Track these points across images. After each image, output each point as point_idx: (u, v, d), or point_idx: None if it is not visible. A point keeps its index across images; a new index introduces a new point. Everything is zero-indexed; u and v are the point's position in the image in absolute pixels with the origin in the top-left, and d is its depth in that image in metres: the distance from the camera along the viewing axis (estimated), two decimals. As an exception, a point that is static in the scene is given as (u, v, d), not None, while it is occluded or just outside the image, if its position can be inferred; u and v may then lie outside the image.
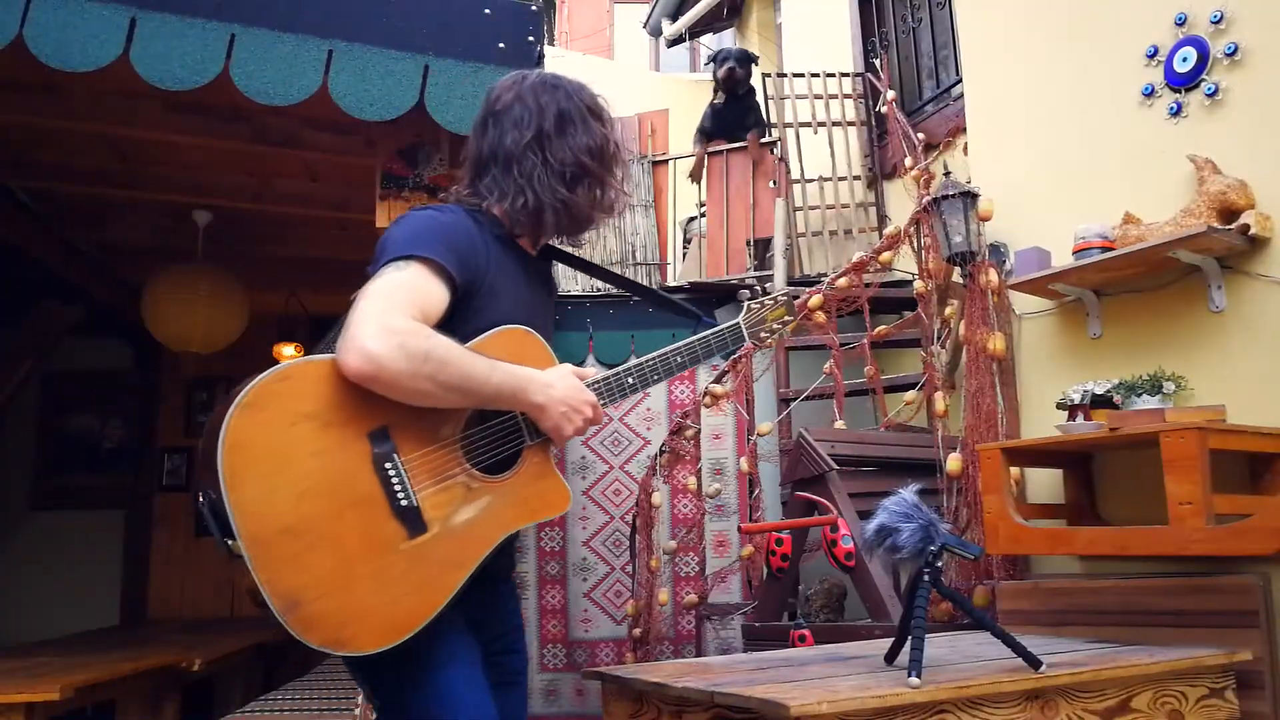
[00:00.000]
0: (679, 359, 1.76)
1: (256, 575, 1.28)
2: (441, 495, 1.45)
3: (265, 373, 1.36)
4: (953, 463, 2.93)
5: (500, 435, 1.53)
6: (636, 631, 3.50)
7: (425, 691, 1.47)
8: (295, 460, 1.34)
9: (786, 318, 2.00)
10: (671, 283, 4.92)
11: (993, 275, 3.03)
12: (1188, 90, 2.65)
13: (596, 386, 1.63)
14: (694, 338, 1.81)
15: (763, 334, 1.98)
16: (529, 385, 1.50)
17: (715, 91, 5.46)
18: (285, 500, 1.32)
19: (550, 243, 1.76)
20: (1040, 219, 3.07)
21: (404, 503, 1.40)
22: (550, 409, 1.52)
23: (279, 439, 1.33)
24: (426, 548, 1.41)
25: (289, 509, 1.32)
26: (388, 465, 1.40)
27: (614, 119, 1.73)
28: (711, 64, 5.50)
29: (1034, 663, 1.75)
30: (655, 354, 1.75)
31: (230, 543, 1.29)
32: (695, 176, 5.19)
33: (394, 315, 1.37)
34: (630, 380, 1.69)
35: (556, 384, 1.53)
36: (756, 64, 5.49)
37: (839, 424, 3.45)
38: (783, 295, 2.02)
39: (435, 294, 1.45)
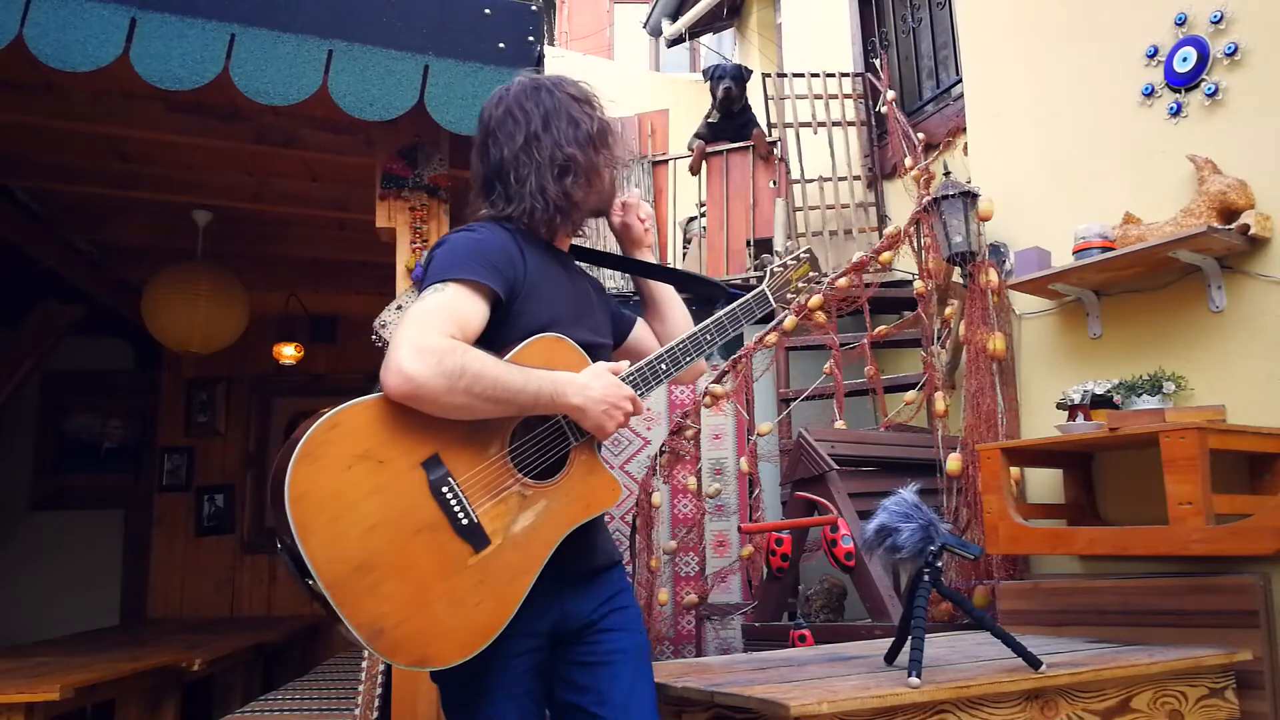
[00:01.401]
0: (709, 336, 1.79)
1: (340, 612, 1.36)
2: (499, 508, 1.51)
3: (316, 422, 1.42)
4: (953, 463, 2.93)
5: (546, 442, 1.59)
6: (636, 631, 3.49)
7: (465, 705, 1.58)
8: (356, 501, 1.41)
9: (811, 273, 1.99)
10: (671, 283, 4.91)
11: (993, 275, 3.03)
12: (1188, 90, 2.65)
13: (631, 378, 1.67)
14: (720, 312, 1.83)
15: (789, 294, 1.99)
16: (566, 389, 1.54)
17: (710, 109, 5.44)
18: (354, 539, 1.39)
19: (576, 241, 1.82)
20: (1040, 219, 3.07)
21: (465, 521, 1.47)
22: (590, 409, 1.56)
23: (338, 484, 1.40)
24: (492, 560, 1.49)
25: (359, 547, 1.39)
26: (444, 489, 1.46)
27: (597, 97, 1.76)
28: (708, 80, 5.49)
29: (1034, 663, 1.75)
30: (684, 335, 1.77)
31: (310, 583, 1.37)
32: (694, 169, 5.19)
33: (429, 335, 1.44)
34: (664, 366, 1.73)
35: (593, 384, 1.57)
36: (750, 78, 5.48)
37: (839, 424, 3.45)
38: (804, 253, 2.01)
39: (473, 310, 1.52)
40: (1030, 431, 2.97)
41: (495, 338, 1.55)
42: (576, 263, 1.83)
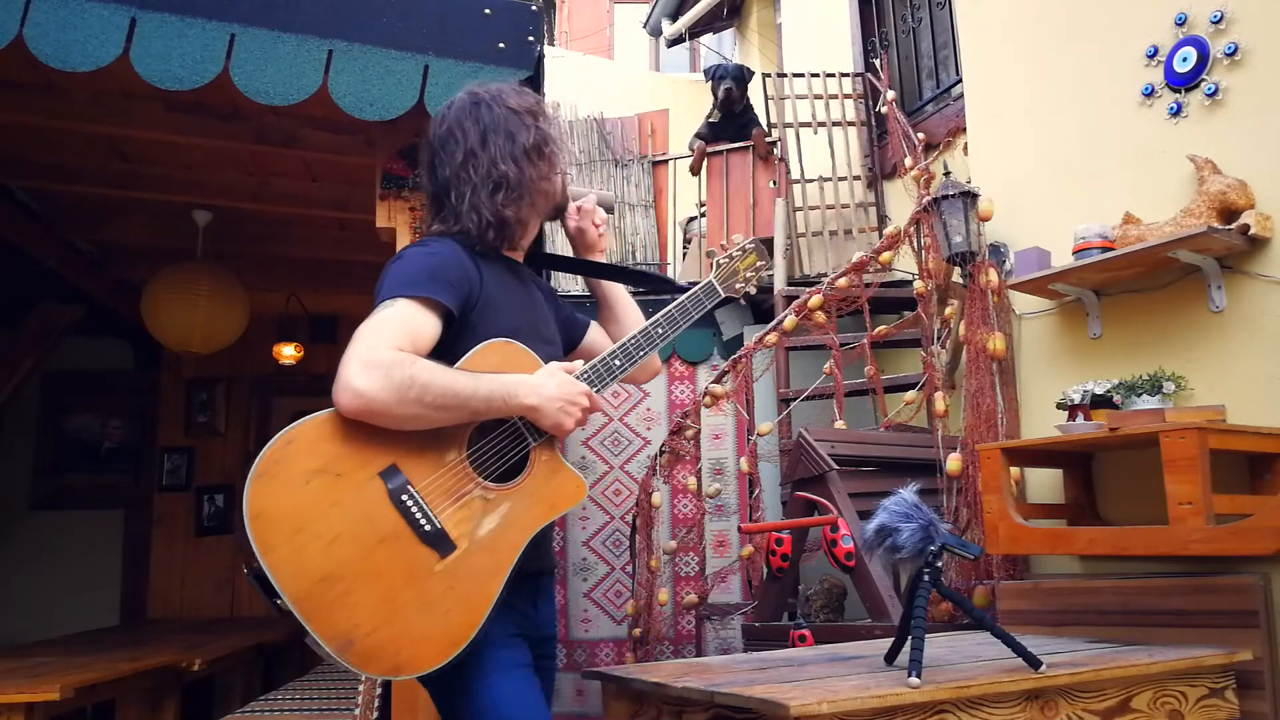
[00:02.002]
0: (659, 330, 1.80)
1: (307, 625, 1.36)
2: (462, 512, 1.51)
3: (271, 441, 1.43)
4: (953, 463, 2.93)
5: (504, 444, 1.59)
6: (636, 631, 3.50)
7: (476, 703, 1.54)
8: (316, 515, 1.41)
9: (759, 263, 2.01)
10: (672, 283, 4.92)
11: (993, 275, 3.03)
12: (1188, 90, 2.65)
13: (585, 375, 1.67)
14: (670, 306, 1.84)
15: (738, 285, 2.00)
16: (517, 389, 1.54)
17: (711, 109, 5.44)
18: (316, 553, 1.40)
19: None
20: (1040, 219, 3.07)
21: (427, 528, 1.47)
22: (545, 407, 1.56)
23: (295, 499, 1.41)
24: (460, 564, 1.48)
25: (322, 559, 1.40)
26: (404, 497, 1.47)
27: (540, 106, 1.77)
28: (709, 80, 5.49)
29: (1034, 663, 1.75)
30: (636, 330, 1.78)
31: (279, 602, 1.38)
32: (695, 169, 5.20)
33: (376, 350, 1.45)
34: (618, 362, 1.73)
35: (546, 383, 1.58)
36: (751, 79, 5.49)
37: (839, 424, 3.45)
38: (749, 243, 2.02)
39: (423, 324, 1.53)
40: (1030, 431, 2.97)
41: (453, 351, 1.56)
42: (527, 267, 1.84)
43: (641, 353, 1.76)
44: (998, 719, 1.70)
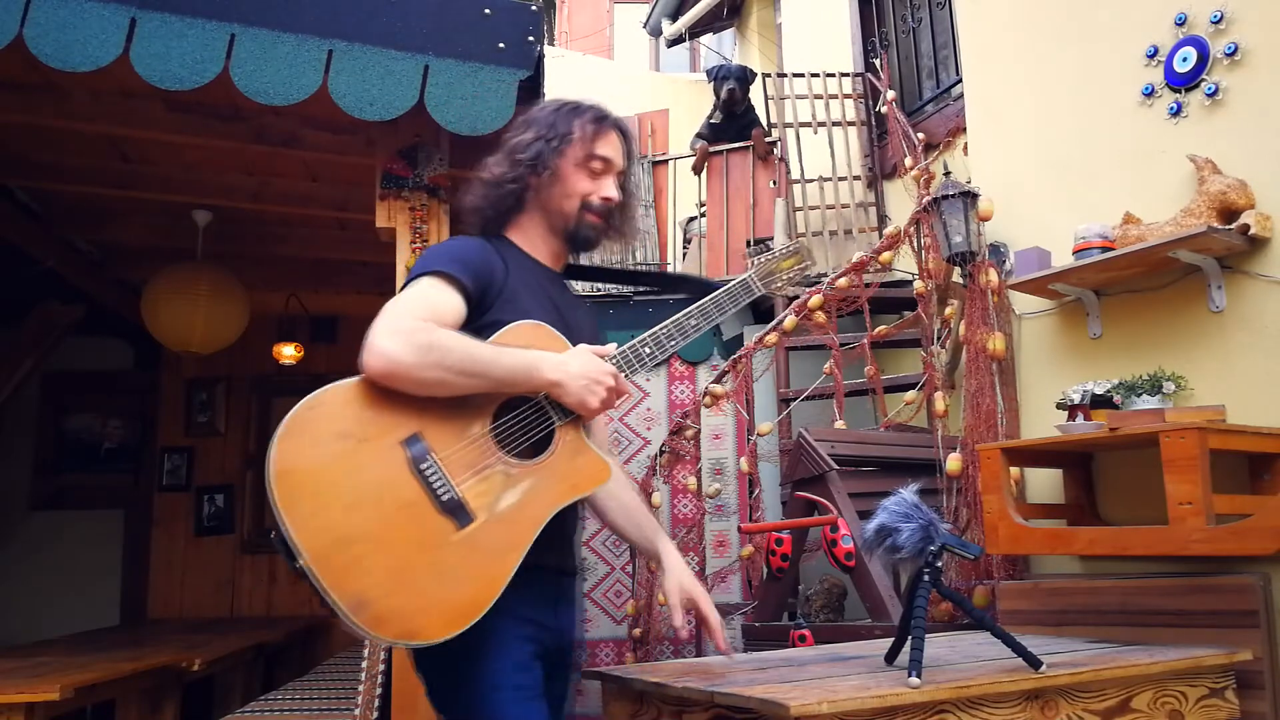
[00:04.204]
0: (693, 321, 1.79)
1: (322, 583, 1.37)
2: (482, 485, 1.52)
3: (298, 404, 1.45)
4: (953, 463, 2.93)
5: (529, 421, 1.60)
6: (636, 631, 3.50)
7: (474, 707, 1.55)
8: (338, 477, 1.44)
9: (801, 264, 1.98)
10: (672, 283, 4.92)
11: (993, 275, 3.03)
12: (1188, 90, 2.65)
13: (614, 360, 1.67)
14: (705, 298, 1.82)
15: (775, 284, 1.98)
16: (540, 364, 1.56)
17: (713, 109, 5.44)
18: (336, 513, 1.42)
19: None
20: (1040, 219, 3.07)
21: (445, 497, 1.48)
22: (568, 384, 1.56)
23: (320, 460, 1.44)
24: (477, 536, 1.49)
25: (341, 520, 1.42)
26: (424, 465, 1.48)
27: (587, 108, 1.79)
28: (712, 81, 5.48)
29: (1034, 663, 1.75)
30: (670, 320, 1.77)
31: (298, 565, 1.39)
32: (697, 169, 5.20)
33: (402, 319, 1.50)
34: (647, 350, 1.72)
35: (571, 361, 1.59)
36: (754, 80, 5.49)
37: (839, 424, 3.45)
38: (792, 245, 2.00)
39: (446, 300, 1.57)
40: (1030, 431, 2.97)
41: (469, 331, 1.58)
42: (571, 284, 1.88)
43: (673, 343, 1.75)
44: (998, 719, 1.70)
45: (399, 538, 1.43)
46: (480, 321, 1.60)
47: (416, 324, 1.49)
